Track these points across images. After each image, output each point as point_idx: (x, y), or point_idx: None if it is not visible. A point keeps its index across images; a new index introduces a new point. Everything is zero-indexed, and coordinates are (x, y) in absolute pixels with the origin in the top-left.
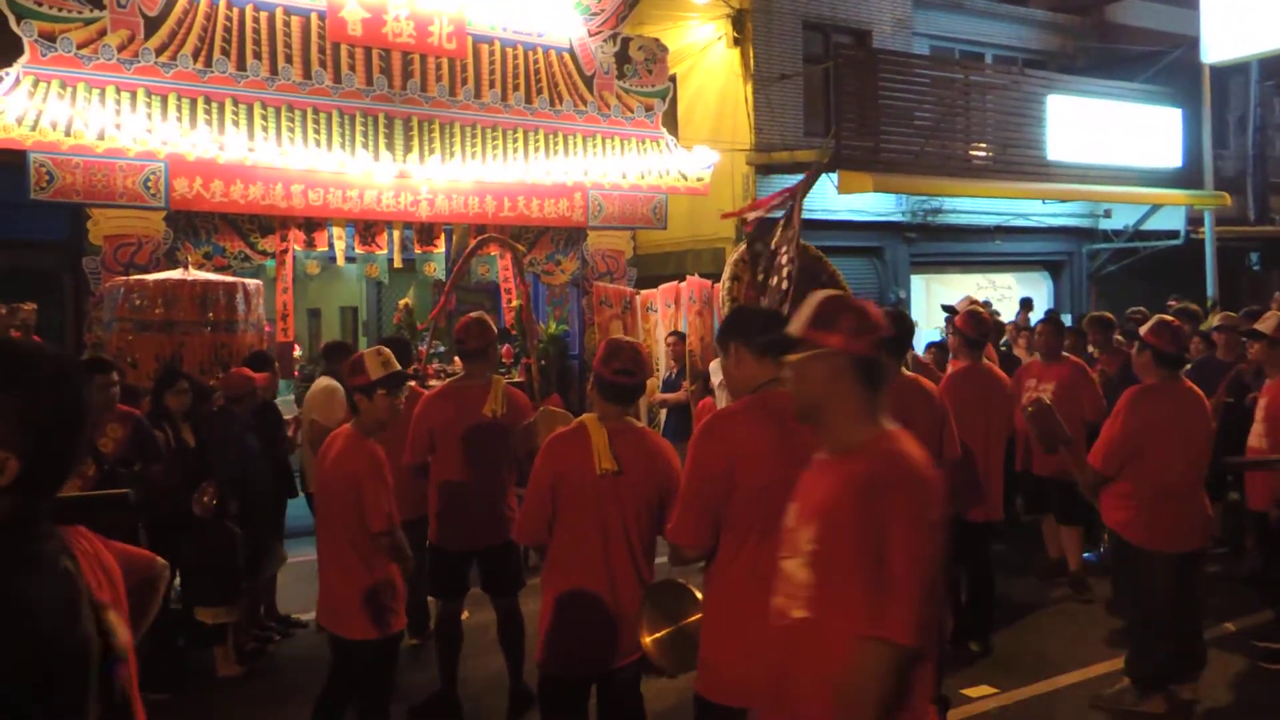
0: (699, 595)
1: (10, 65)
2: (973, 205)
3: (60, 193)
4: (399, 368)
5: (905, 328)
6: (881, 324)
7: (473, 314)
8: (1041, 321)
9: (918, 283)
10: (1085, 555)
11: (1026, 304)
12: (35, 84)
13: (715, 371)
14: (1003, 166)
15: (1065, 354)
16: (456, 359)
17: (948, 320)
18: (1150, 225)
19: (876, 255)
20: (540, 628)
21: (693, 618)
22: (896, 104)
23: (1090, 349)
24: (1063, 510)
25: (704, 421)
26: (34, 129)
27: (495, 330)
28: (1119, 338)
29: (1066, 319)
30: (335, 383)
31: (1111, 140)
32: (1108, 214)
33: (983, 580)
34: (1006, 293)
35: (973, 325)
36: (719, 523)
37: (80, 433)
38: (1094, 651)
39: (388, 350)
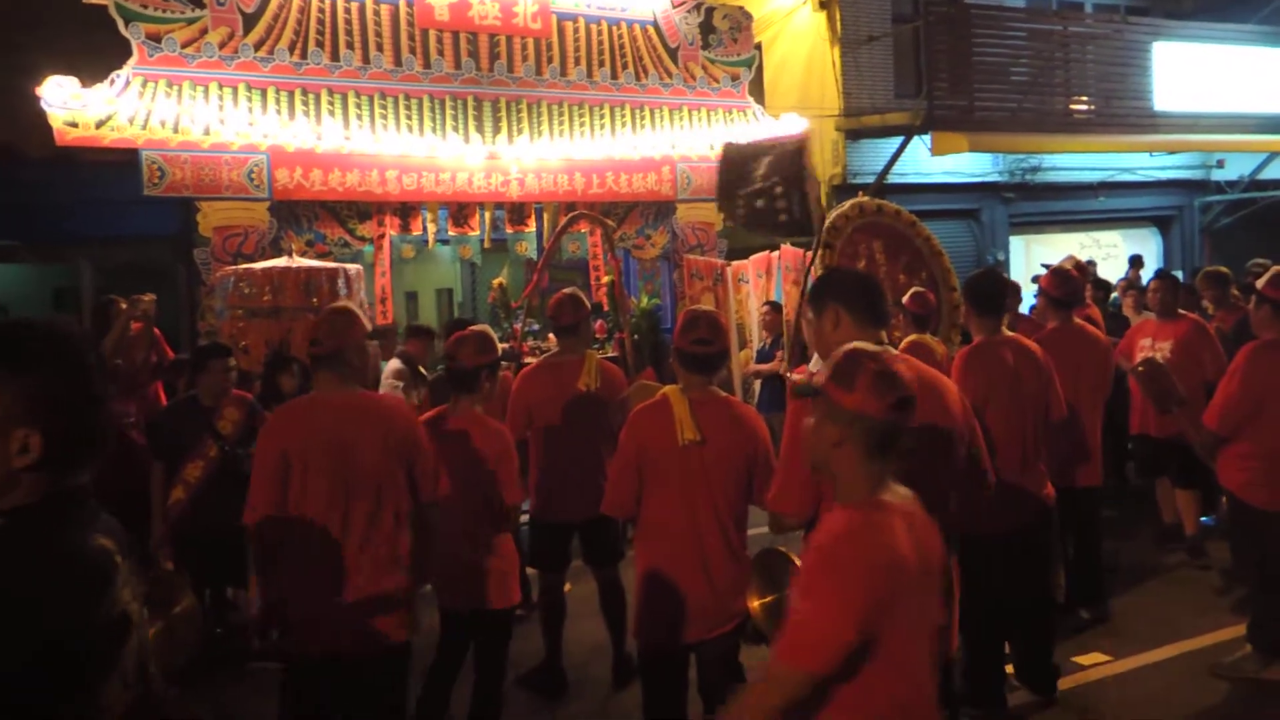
0: (797, 561)
1: (120, 68)
2: (1074, 161)
3: (171, 188)
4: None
5: (1000, 288)
6: (905, 385)
7: (565, 290)
8: (1155, 278)
9: (1017, 244)
10: (1202, 519)
11: (1136, 261)
12: (144, 84)
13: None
14: (1106, 120)
15: (1182, 311)
16: (551, 336)
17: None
18: (1268, 174)
19: (973, 217)
20: (635, 598)
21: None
22: (991, 60)
23: (1205, 305)
24: (1180, 473)
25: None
26: (144, 128)
27: (588, 305)
28: (1235, 293)
29: (1179, 276)
30: (399, 364)
31: (1224, 87)
32: (1221, 164)
33: (1090, 546)
34: (1112, 250)
35: (1057, 284)
36: (819, 491)
37: (99, 409)
38: (1212, 619)
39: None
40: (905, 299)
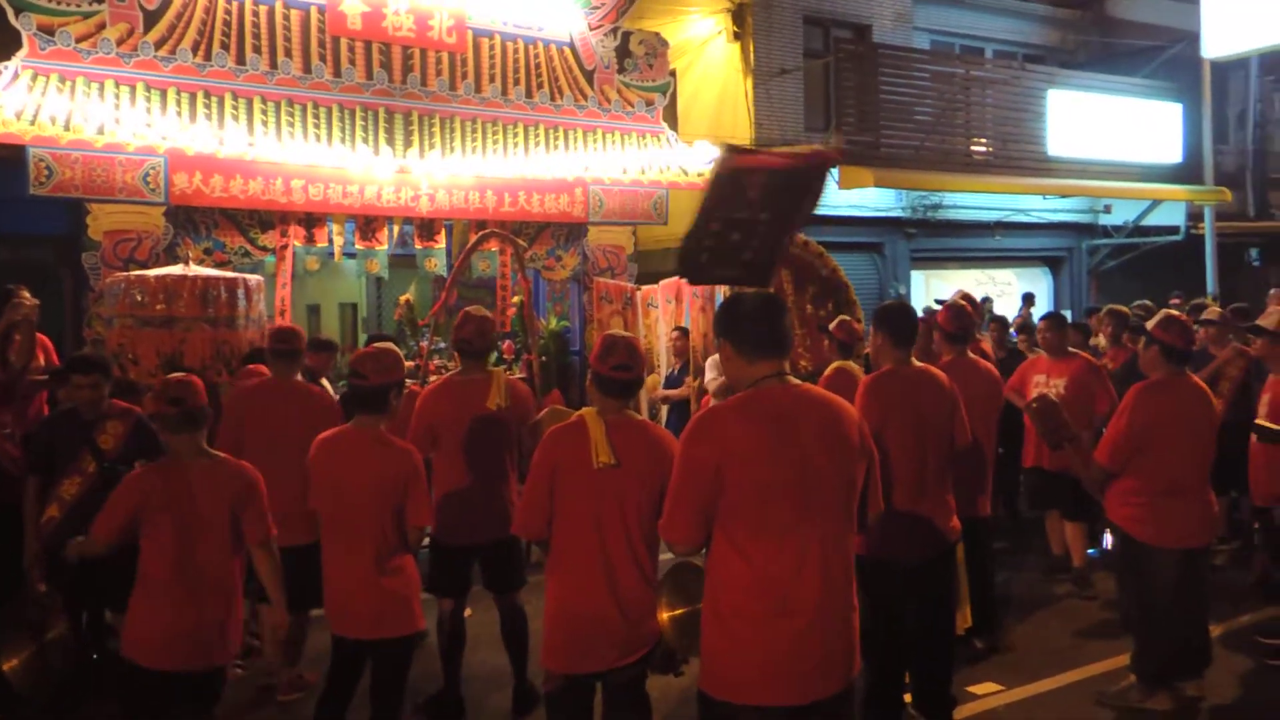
0: None
1: (9, 59)
2: (973, 200)
3: (59, 188)
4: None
5: (913, 319)
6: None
7: (475, 311)
8: (1043, 318)
9: (918, 278)
10: (1089, 552)
11: (1028, 299)
12: (34, 78)
13: (710, 368)
14: (1003, 162)
15: (1073, 350)
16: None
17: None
18: (1150, 221)
19: (877, 251)
20: (545, 624)
21: None
22: (897, 99)
23: (1096, 340)
24: (1070, 506)
25: (693, 419)
26: (33, 123)
27: (495, 330)
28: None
29: (1067, 314)
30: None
31: (1112, 135)
32: (1108, 209)
33: (983, 576)
34: (1006, 288)
35: (952, 319)
36: (709, 520)
37: None
38: (1098, 648)
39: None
40: (832, 326)
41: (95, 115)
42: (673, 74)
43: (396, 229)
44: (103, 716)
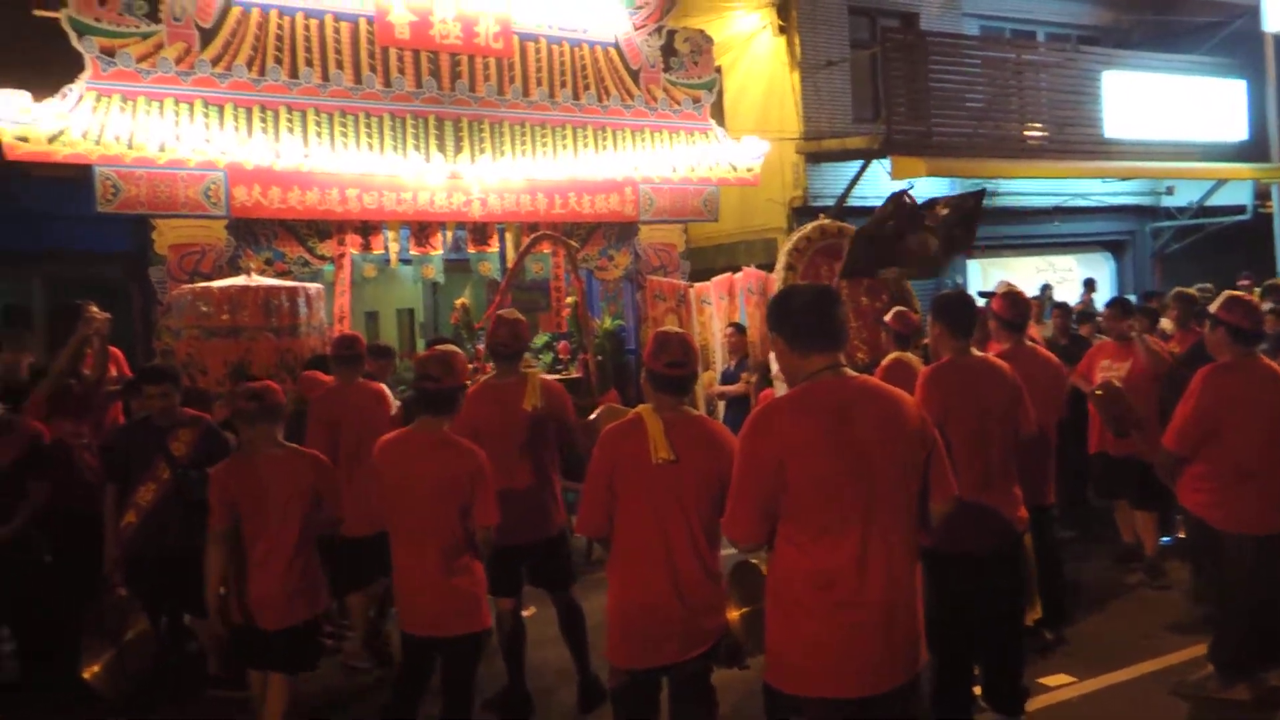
0: None
1: (74, 82)
2: (1029, 187)
3: (125, 204)
4: None
5: (973, 309)
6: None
7: (504, 314)
8: (1107, 305)
9: (975, 267)
10: (1162, 540)
11: (1089, 285)
12: (98, 99)
13: (775, 361)
14: (1059, 146)
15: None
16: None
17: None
18: (1215, 201)
19: None
20: (609, 620)
21: None
22: (947, 87)
23: (1163, 324)
24: (1137, 494)
25: (751, 415)
26: (98, 143)
27: (528, 332)
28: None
29: (1132, 299)
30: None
31: (1172, 115)
32: (1170, 191)
33: (1051, 566)
34: (1067, 275)
35: (1009, 307)
36: (772, 516)
37: None
38: (1173, 639)
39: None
40: (888, 317)
41: (157, 133)
42: (718, 70)
43: (450, 234)
44: (181, 717)
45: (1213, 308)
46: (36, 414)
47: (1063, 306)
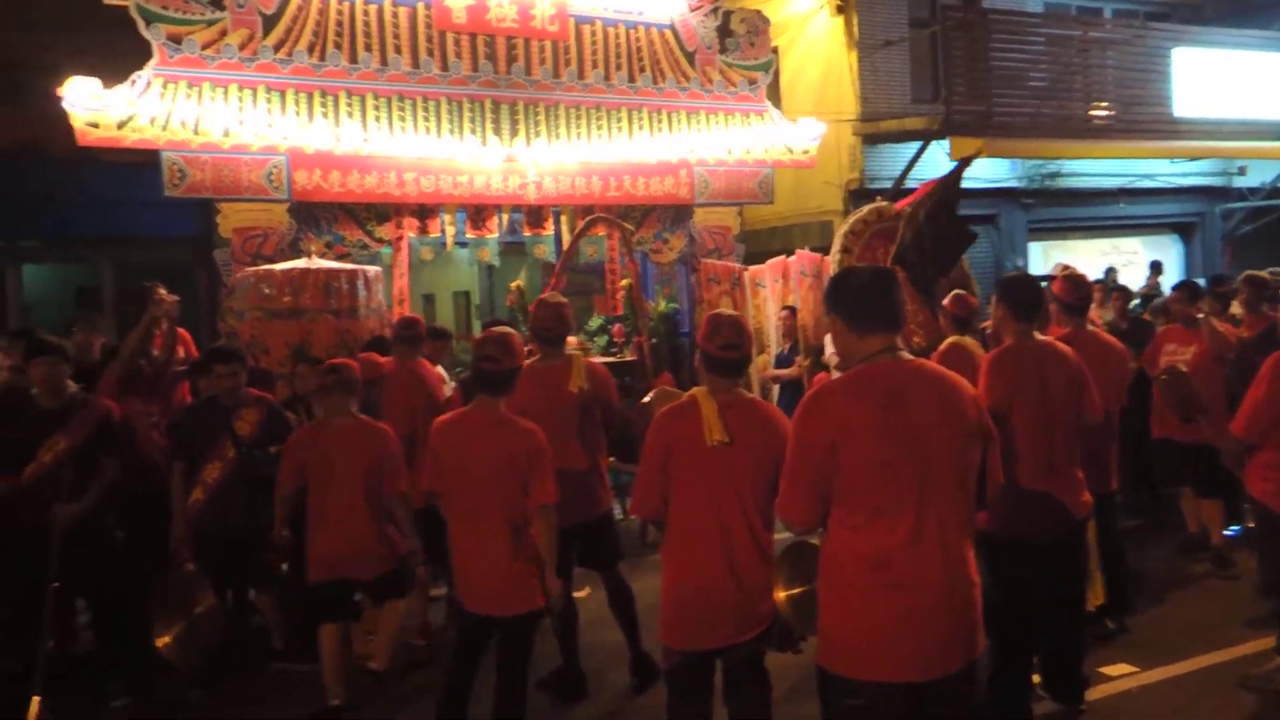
0: None
1: (141, 69)
2: (1094, 167)
3: (191, 189)
4: None
5: (1038, 293)
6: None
7: (547, 298)
8: (1175, 288)
9: (1035, 250)
10: (1230, 530)
11: (1156, 268)
12: (165, 85)
13: (829, 344)
14: (1126, 126)
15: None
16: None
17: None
18: None
19: (991, 223)
20: (663, 602)
21: None
22: (1009, 66)
23: (1235, 309)
24: (1202, 482)
25: (805, 397)
26: (165, 129)
27: (571, 314)
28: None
29: (1200, 283)
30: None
31: (1245, 93)
32: (1242, 171)
33: (1112, 555)
34: (1132, 258)
35: (1070, 289)
36: (825, 499)
37: None
38: (1239, 630)
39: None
40: (946, 301)
41: (221, 118)
42: (775, 51)
43: (506, 217)
44: (248, 686)
45: None
46: (108, 393)
47: (1123, 290)
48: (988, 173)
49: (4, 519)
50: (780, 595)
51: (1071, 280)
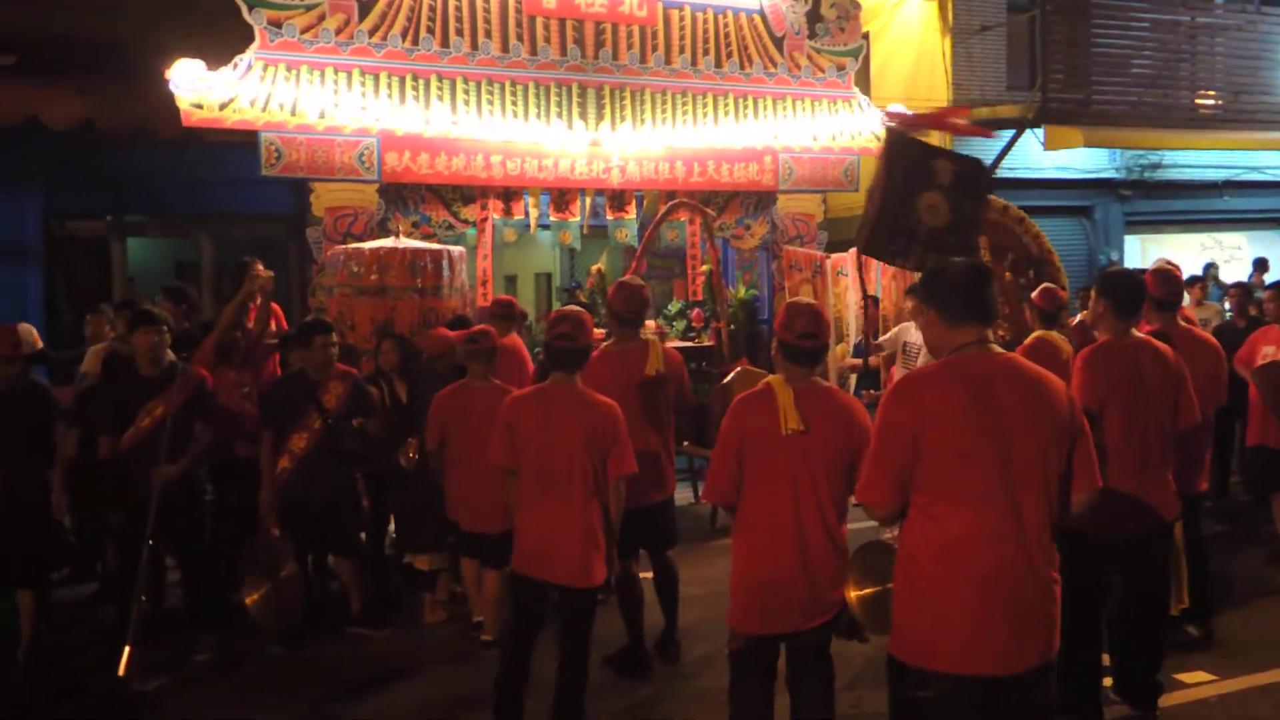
0: None
1: (244, 52)
2: (1197, 159)
3: (287, 169)
4: None
5: (1142, 289)
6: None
7: (626, 280)
8: (1270, 286)
9: (1132, 243)
10: None
11: (1261, 265)
12: (265, 68)
13: (910, 335)
14: (1234, 115)
15: None
16: (648, 323)
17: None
18: None
19: (1086, 215)
20: (731, 586)
21: None
22: (1111, 52)
23: None
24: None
25: (895, 382)
26: (264, 110)
27: (648, 296)
28: None
29: None
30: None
31: None
32: None
33: (1195, 559)
34: (1235, 253)
35: (1160, 284)
36: (906, 486)
37: None
38: None
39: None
40: (1034, 294)
41: (316, 100)
42: (865, 37)
43: (589, 201)
44: (324, 648)
45: None
46: (204, 363)
47: (1243, 286)
48: (1084, 162)
49: (108, 479)
50: (852, 594)
51: (1161, 274)
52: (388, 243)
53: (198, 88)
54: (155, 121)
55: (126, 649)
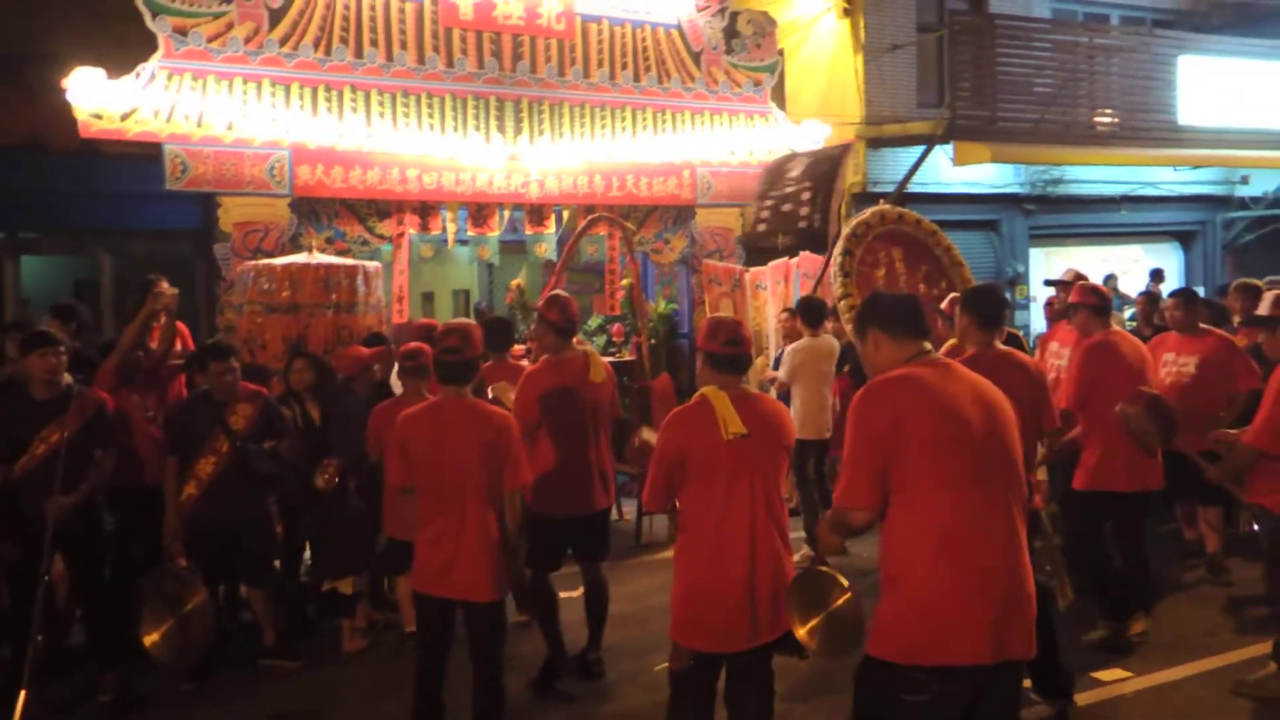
0: (841, 579)
1: (147, 61)
2: (1097, 175)
3: (193, 182)
4: None
5: (1003, 304)
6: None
7: (557, 294)
8: (1172, 294)
9: (1037, 255)
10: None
11: (1157, 275)
12: (169, 78)
13: (787, 361)
14: (1130, 133)
15: (1205, 326)
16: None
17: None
18: None
19: (993, 229)
20: (675, 601)
21: (839, 600)
22: (1015, 71)
23: (1235, 320)
24: (1204, 489)
25: (865, 385)
26: (168, 121)
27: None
28: None
29: (1200, 292)
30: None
31: (1250, 101)
32: (1245, 180)
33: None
34: (1133, 265)
35: (1093, 293)
36: (885, 486)
37: None
38: (1233, 637)
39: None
40: (944, 304)
41: (224, 112)
42: (781, 53)
43: (507, 215)
44: (239, 681)
45: (1261, 310)
46: (104, 386)
47: (1149, 295)
48: (991, 178)
49: None
50: (800, 630)
51: (1088, 285)
52: (300, 258)
53: (97, 97)
54: (51, 133)
55: (22, 693)
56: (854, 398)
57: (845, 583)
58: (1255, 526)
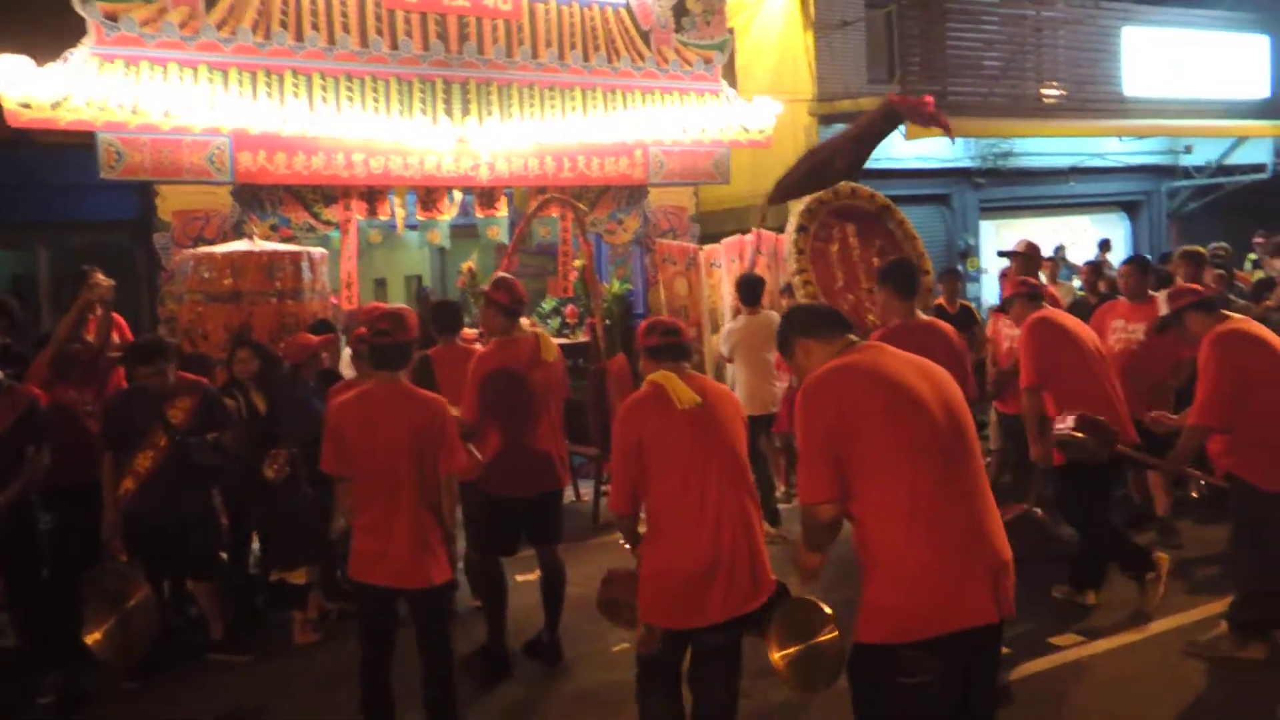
0: (829, 612)
1: (75, 47)
2: (1045, 147)
3: (129, 171)
4: None
5: (915, 273)
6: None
7: (502, 276)
8: (1125, 262)
9: (987, 228)
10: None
11: (1104, 245)
12: (101, 64)
13: (725, 339)
14: (1077, 105)
15: (1153, 294)
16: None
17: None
18: (1235, 159)
19: (944, 202)
20: (643, 581)
21: (824, 636)
22: (964, 46)
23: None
24: (1155, 453)
25: (806, 380)
26: (102, 109)
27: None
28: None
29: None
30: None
31: (1192, 72)
32: (1189, 150)
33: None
34: (1081, 235)
35: (1023, 284)
36: (843, 475)
37: None
38: (1184, 599)
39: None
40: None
41: (161, 98)
42: (731, 31)
43: (457, 199)
44: (186, 676)
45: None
46: (38, 381)
47: (1094, 265)
48: (941, 152)
49: None
50: (775, 655)
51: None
52: (242, 245)
53: (24, 85)
54: None
55: None
56: (796, 398)
57: (832, 615)
58: (1199, 495)
